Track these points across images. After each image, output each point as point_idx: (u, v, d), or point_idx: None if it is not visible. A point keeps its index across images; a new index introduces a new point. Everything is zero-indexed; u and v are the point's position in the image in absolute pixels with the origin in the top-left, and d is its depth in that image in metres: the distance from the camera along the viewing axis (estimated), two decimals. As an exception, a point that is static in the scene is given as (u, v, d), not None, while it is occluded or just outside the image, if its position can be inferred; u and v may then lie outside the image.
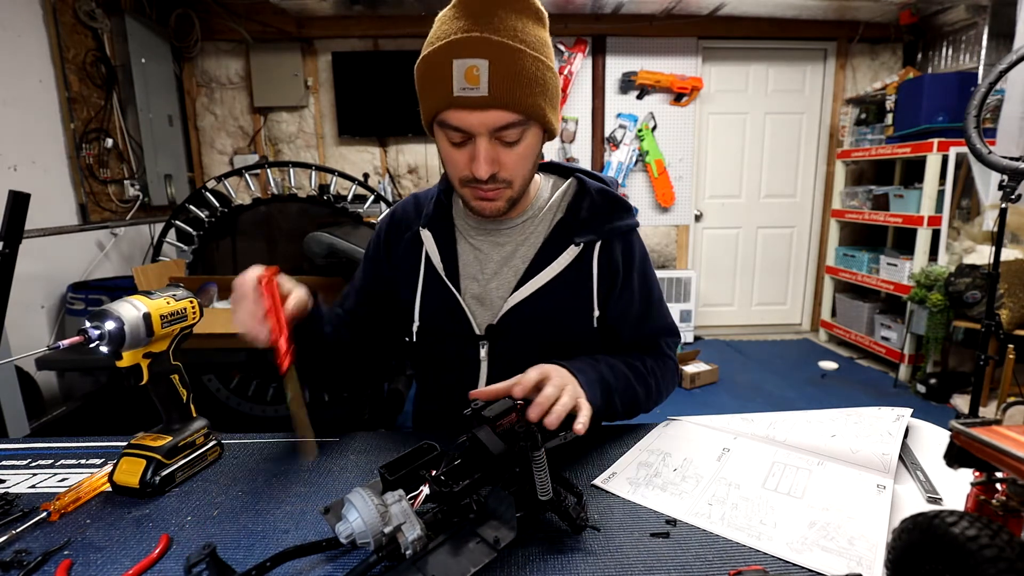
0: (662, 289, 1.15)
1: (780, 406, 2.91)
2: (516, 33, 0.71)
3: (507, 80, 0.70)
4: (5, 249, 1.51)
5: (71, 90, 2.75)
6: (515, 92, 0.71)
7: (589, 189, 0.88)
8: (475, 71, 0.69)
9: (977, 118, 1.64)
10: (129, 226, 3.15)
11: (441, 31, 0.72)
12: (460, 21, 0.71)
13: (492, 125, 0.72)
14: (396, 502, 0.52)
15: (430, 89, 0.74)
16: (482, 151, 0.74)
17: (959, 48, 3.64)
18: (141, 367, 0.70)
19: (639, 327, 0.91)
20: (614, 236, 0.87)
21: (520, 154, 0.77)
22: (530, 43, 0.72)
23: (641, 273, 0.91)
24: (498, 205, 0.81)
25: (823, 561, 0.54)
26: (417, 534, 0.51)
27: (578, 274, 0.86)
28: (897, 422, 0.78)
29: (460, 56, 0.69)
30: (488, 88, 0.70)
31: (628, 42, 3.82)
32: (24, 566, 0.55)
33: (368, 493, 0.51)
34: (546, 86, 0.75)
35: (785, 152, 4.16)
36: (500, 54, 0.69)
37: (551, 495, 0.57)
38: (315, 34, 3.68)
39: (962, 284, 2.76)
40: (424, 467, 0.60)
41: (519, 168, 0.78)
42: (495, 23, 0.70)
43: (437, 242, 0.88)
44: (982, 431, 0.46)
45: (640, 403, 0.87)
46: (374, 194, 2.61)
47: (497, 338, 0.86)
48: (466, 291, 0.88)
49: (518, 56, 0.71)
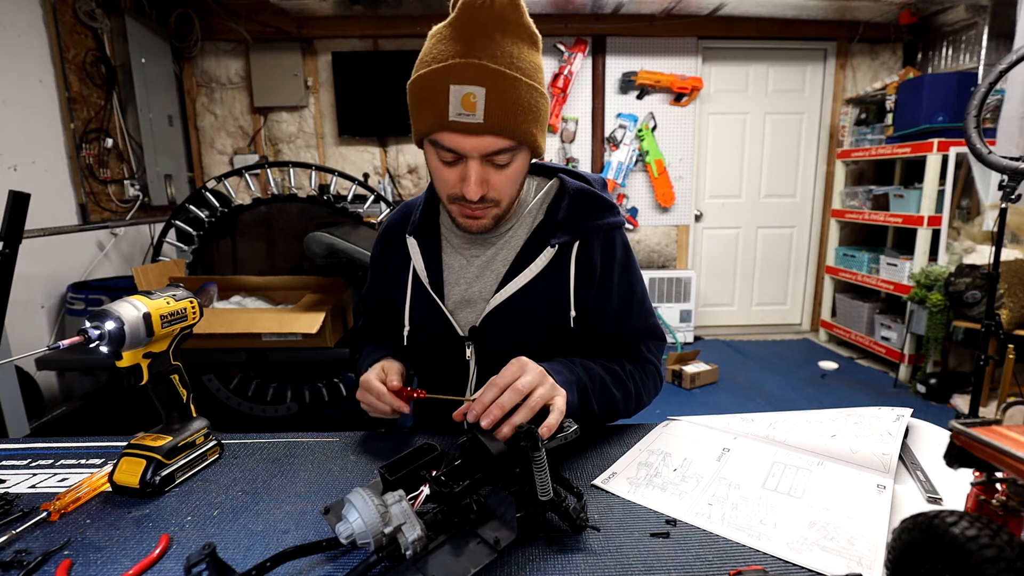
0: (660, 289, 1.17)
1: (780, 406, 2.91)
2: (512, 60, 0.72)
3: (502, 108, 0.72)
4: (5, 249, 1.51)
5: (71, 90, 2.75)
6: (509, 120, 0.73)
7: (568, 189, 0.89)
8: (472, 98, 0.71)
9: (977, 118, 1.64)
10: (129, 226, 3.15)
11: (438, 52, 0.73)
12: (457, 44, 0.72)
13: (485, 150, 0.74)
14: (396, 502, 0.52)
15: (425, 109, 0.75)
16: (473, 174, 0.75)
17: (959, 48, 3.64)
18: (141, 367, 0.70)
19: (619, 326, 0.91)
20: (592, 235, 0.88)
21: (509, 176, 0.79)
22: (525, 70, 0.74)
23: (622, 270, 0.91)
24: (484, 223, 0.83)
25: (823, 561, 0.54)
26: (417, 534, 0.51)
27: (556, 274, 0.87)
28: (897, 422, 0.77)
29: (457, 82, 0.71)
30: (484, 115, 0.71)
31: (628, 42, 3.82)
32: (24, 566, 0.55)
33: (368, 493, 0.51)
34: (538, 112, 0.77)
35: (785, 152, 4.16)
36: (497, 82, 0.71)
37: (551, 495, 0.57)
38: (315, 34, 3.68)
39: (962, 284, 2.76)
40: (424, 467, 0.60)
41: (508, 189, 0.81)
42: (492, 49, 0.71)
43: (422, 249, 0.91)
44: (982, 431, 0.46)
45: (618, 407, 0.87)
46: (374, 194, 2.61)
47: (481, 339, 0.89)
48: (449, 296, 0.91)
49: (514, 84, 0.72)
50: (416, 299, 0.92)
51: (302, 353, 1.91)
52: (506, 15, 0.71)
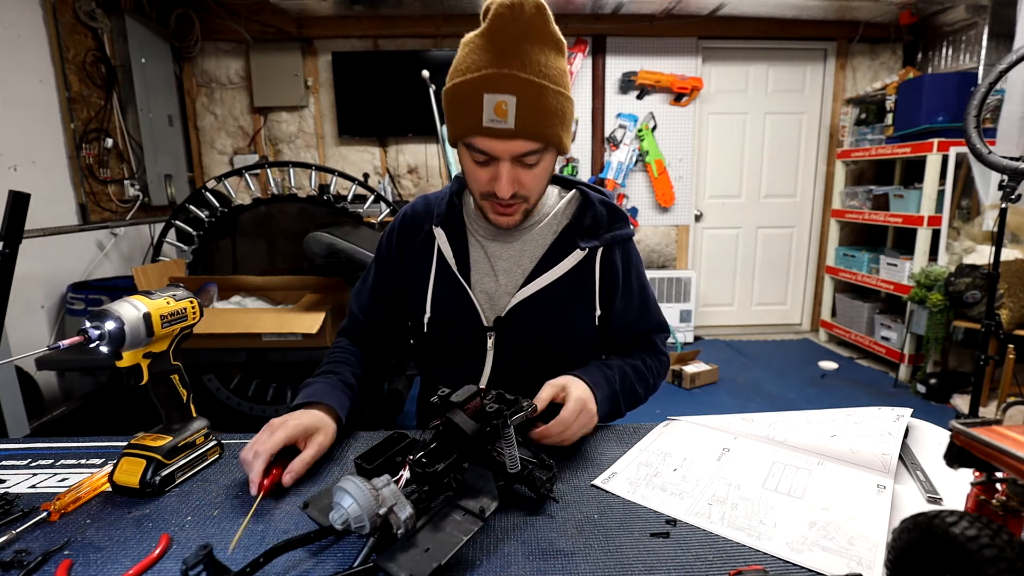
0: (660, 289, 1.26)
1: (780, 406, 2.91)
2: (541, 68, 0.78)
3: (532, 114, 0.78)
4: (5, 249, 1.51)
5: (71, 90, 2.75)
6: (538, 125, 0.79)
7: (593, 200, 0.96)
8: (504, 105, 0.77)
9: (977, 118, 1.64)
10: (129, 226, 3.15)
11: (471, 62, 0.78)
12: (489, 54, 0.77)
13: (515, 152, 0.80)
14: (385, 485, 0.55)
15: (460, 116, 0.81)
16: (504, 174, 0.82)
17: (959, 48, 3.64)
18: (141, 367, 0.70)
19: (636, 326, 1.01)
20: (615, 243, 0.96)
21: (537, 175, 0.85)
22: (552, 77, 0.79)
23: (638, 276, 1.00)
24: (515, 219, 0.90)
25: (823, 561, 0.54)
26: (409, 512, 0.54)
27: (581, 276, 0.93)
28: (897, 422, 0.78)
29: (490, 91, 0.76)
30: (515, 121, 0.77)
31: (628, 42, 3.82)
32: (24, 566, 0.55)
33: (358, 480, 0.53)
34: (564, 116, 0.82)
35: (785, 152, 4.16)
36: (527, 91, 0.77)
37: (519, 468, 0.62)
38: (315, 34, 3.68)
39: (962, 284, 2.76)
40: (399, 454, 0.66)
41: (536, 186, 0.87)
42: (522, 58, 0.76)
43: (450, 239, 0.94)
44: (982, 431, 0.46)
45: (640, 401, 0.97)
46: (374, 194, 2.61)
47: (503, 330, 0.93)
48: (476, 285, 0.94)
49: (542, 92, 0.78)
50: (440, 287, 0.95)
51: (302, 353, 1.91)
52: (535, 24, 0.77)
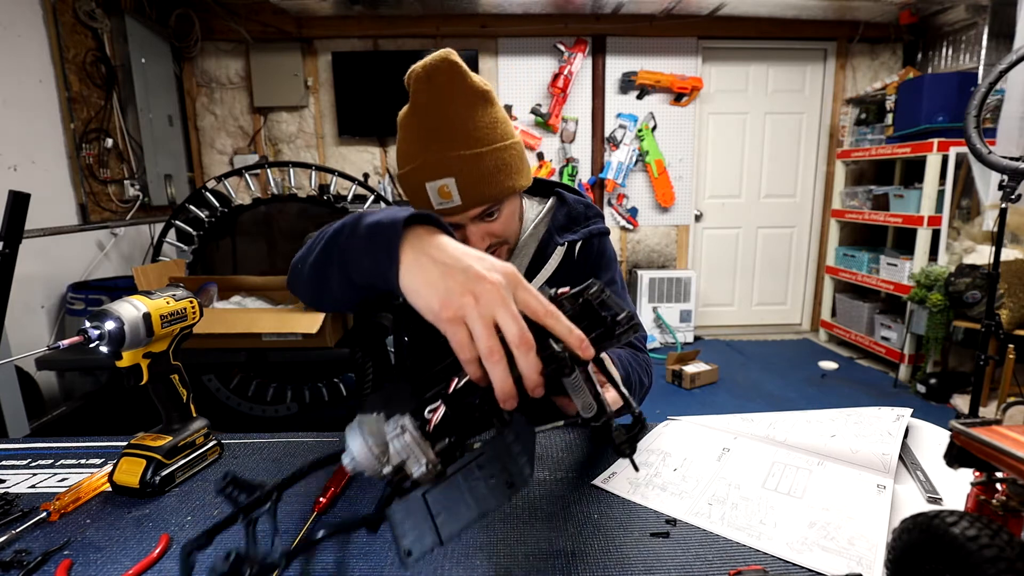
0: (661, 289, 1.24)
1: (780, 406, 2.91)
2: (471, 134, 0.77)
3: (475, 186, 0.79)
4: (5, 249, 1.51)
5: (71, 90, 2.75)
6: (485, 190, 0.80)
7: (567, 199, 0.99)
8: (446, 188, 0.78)
9: (977, 118, 1.65)
10: (129, 226, 3.15)
11: (408, 148, 0.80)
12: (420, 139, 0.78)
13: (473, 216, 0.83)
14: (398, 435, 0.46)
15: (415, 202, 0.83)
16: (473, 235, 0.84)
17: (959, 48, 3.64)
18: (141, 367, 0.70)
19: None
20: (592, 237, 0.98)
21: (504, 220, 0.87)
22: (485, 138, 0.79)
23: (616, 272, 1.01)
24: (504, 259, 0.89)
25: (823, 561, 0.54)
26: (423, 470, 0.46)
27: (566, 271, 0.97)
28: (897, 422, 0.77)
29: (430, 179, 0.78)
30: (460, 197, 0.79)
31: (628, 42, 3.82)
32: (24, 566, 0.55)
33: (367, 427, 0.46)
34: (509, 166, 0.82)
35: (785, 152, 4.16)
36: (463, 167, 0.77)
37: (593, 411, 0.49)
38: (315, 34, 3.68)
39: (962, 284, 2.76)
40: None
41: (508, 229, 0.89)
42: (451, 133, 0.77)
43: None
44: (982, 431, 0.46)
45: (644, 392, 0.96)
46: (374, 194, 2.61)
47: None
48: None
49: (479, 160, 0.78)
50: None
51: (302, 353, 1.91)
52: (453, 87, 0.76)
